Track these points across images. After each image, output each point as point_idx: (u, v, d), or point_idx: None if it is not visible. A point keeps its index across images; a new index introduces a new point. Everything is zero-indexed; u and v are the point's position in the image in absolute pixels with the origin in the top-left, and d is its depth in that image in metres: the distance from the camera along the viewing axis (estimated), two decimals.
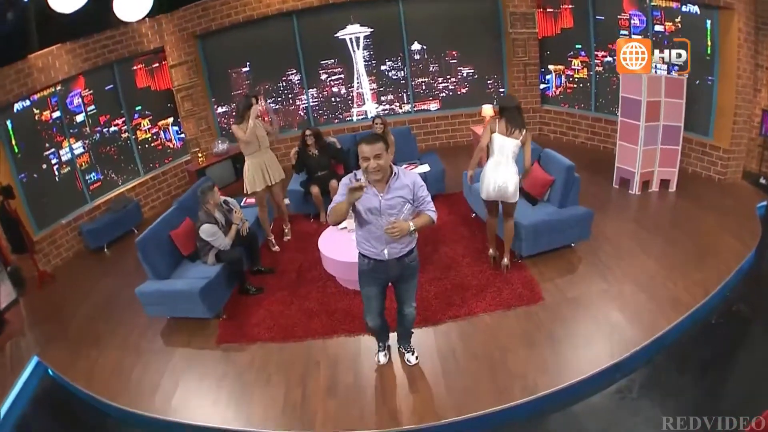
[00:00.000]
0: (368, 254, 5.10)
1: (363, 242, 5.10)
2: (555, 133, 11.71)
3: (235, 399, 5.77)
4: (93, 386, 6.20)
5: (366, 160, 4.69)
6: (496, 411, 5.21)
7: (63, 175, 9.48)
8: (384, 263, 5.07)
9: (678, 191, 8.98)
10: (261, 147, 8.00)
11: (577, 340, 6.03)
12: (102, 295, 8.12)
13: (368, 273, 5.22)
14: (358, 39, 11.52)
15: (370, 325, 5.57)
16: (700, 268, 6.92)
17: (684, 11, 9.03)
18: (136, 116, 10.62)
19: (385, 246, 4.98)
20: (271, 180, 8.15)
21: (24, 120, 8.83)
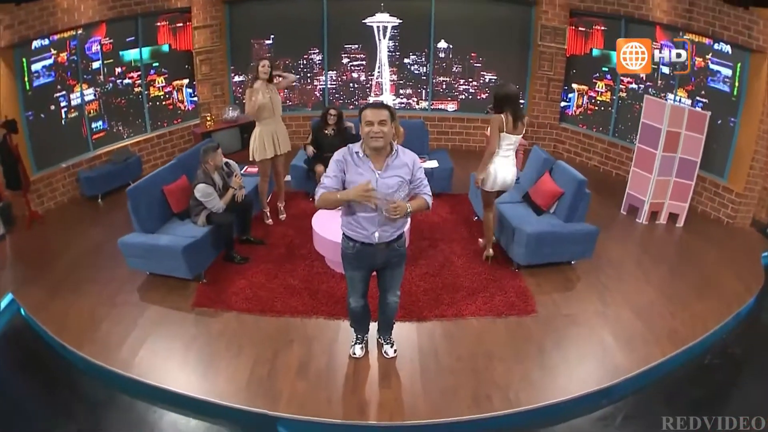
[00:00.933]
0: (355, 237, 4.69)
1: (351, 224, 4.69)
2: (569, 152, 11.30)
3: (201, 365, 5.43)
4: (62, 331, 5.89)
5: (370, 124, 4.30)
6: (472, 419, 4.84)
7: (69, 120, 9.12)
8: (371, 247, 4.68)
9: (685, 227, 8.60)
10: (275, 114, 7.67)
11: (567, 358, 5.66)
12: (88, 243, 7.81)
13: (353, 257, 4.83)
14: (385, 28, 11.15)
15: (352, 305, 5.18)
16: (700, 304, 6.57)
17: (716, 49, 8.68)
18: (151, 72, 10.25)
19: (376, 228, 4.58)
20: (280, 149, 7.81)
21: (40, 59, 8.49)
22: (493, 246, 7.25)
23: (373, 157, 4.45)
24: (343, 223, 4.76)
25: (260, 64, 7.55)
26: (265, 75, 7.51)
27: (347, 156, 4.48)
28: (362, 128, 4.36)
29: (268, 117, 7.61)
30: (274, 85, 7.70)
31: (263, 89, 7.48)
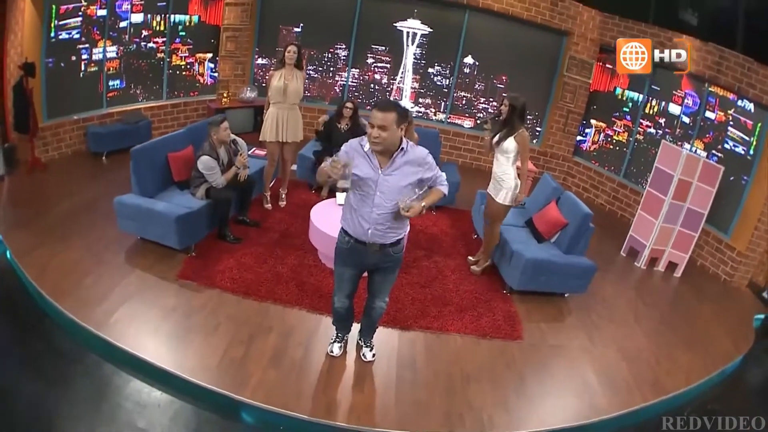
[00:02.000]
0: (350, 231, 4.52)
1: (348, 216, 4.53)
2: (578, 187, 11.15)
3: (175, 337, 5.25)
4: (42, 280, 5.72)
5: (371, 126, 4.13)
6: None
7: (88, 74, 8.98)
8: (364, 246, 4.50)
9: (683, 277, 8.45)
10: (286, 101, 7.49)
11: (546, 389, 5.47)
12: (85, 197, 7.67)
13: (345, 252, 4.65)
14: (415, 35, 11.00)
15: (336, 305, 4.99)
16: (687, 356, 6.39)
17: (739, 105, 8.57)
18: (177, 41, 10.12)
19: (370, 225, 4.39)
20: (284, 137, 7.63)
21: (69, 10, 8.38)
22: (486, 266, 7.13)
23: (379, 154, 4.28)
24: (342, 217, 4.60)
25: (287, 50, 7.42)
26: (290, 60, 7.39)
27: (356, 148, 4.30)
28: (368, 126, 4.19)
29: (278, 101, 7.47)
30: (301, 72, 7.57)
31: (285, 73, 7.38)
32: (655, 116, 9.91)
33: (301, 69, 7.57)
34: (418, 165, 4.35)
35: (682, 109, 9.45)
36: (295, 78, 7.45)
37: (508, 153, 6.47)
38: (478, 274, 7.09)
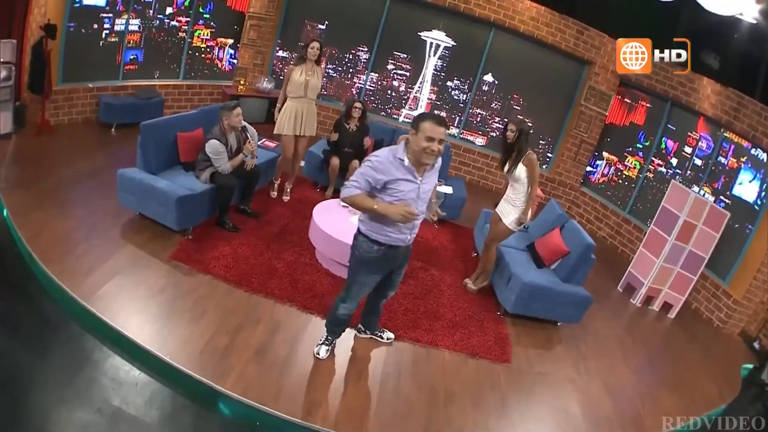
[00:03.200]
0: (384, 240, 4.47)
1: (383, 228, 4.43)
2: (582, 217, 11.06)
3: (160, 318, 5.13)
4: (34, 243, 5.65)
5: (430, 140, 4.06)
6: None
7: (108, 43, 8.96)
8: (396, 249, 4.57)
9: (676, 320, 8.37)
10: (306, 95, 7.48)
11: (528, 415, 5.38)
12: (88, 167, 7.60)
13: (376, 260, 4.59)
14: (438, 46, 10.94)
15: (344, 312, 4.93)
16: (671, 398, 6.29)
17: (752, 153, 8.53)
18: (200, 22, 10.07)
19: (410, 231, 4.54)
20: (302, 131, 7.61)
21: None
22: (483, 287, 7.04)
23: (417, 165, 4.27)
24: (367, 228, 4.50)
25: (310, 45, 7.39)
26: (313, 56, 7.39)
27: (393, 161, 4.22)
28: (417, 139, 4.11)
29: (299, 95, 7.44)
30: (319, 67, 7.55)
31: (305, 68, 7.37)
32: (668, 156, 9.84)
33: (319, 65, 7.54)
34: (436, 171, 4.51)
35: (695, 152, 9.38)
36: (315, 74, 7.45)
37: (520, 180, 6.41)
38: (474, 292, 6.99)
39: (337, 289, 6.04)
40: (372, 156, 4.29)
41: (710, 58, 8.59)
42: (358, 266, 4.69)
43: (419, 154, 4.12)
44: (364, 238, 4.53)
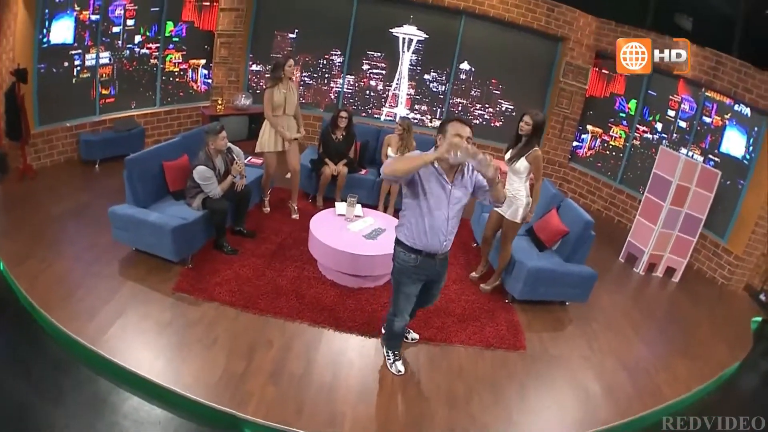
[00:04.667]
0: (421, 246, 4.58)
1: (418, 235, 4.55)
2: (574, 193, 11.10)
3: (171, 351, 5.11)
4: (33, 291, 5.49)
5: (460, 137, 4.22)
6: None
7: (80, 80, 8.85)
8: (433, 259, 4.67)
9: (680, 283, 8.48)
10: (285, 112, 7.53)
11: (548, 400, 5.40)
12: (76, 205, 7.54)
13: (414, 269, 4.70)
14: (411, 41, 10.91)
15: (399, 325, 5.05)
16: (685, 364, 6.37)
17: (735, 110, 8.60)
18: (170, 47, 10.00)
19: (445, 236, 4.57)
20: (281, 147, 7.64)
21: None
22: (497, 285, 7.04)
23: (446, 170, 4.40)
24: (405, 236, 4.63)
25: (287, 63, 7.41)
26: (291, 74, 7.46)
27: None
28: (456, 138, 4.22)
29: (277, 114, 7.50)
30: (293, 83, 7.61)
31: (281, 87, 7.41)
32: (651, 121, 9.89)
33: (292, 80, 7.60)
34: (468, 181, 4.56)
35: (679, 114, 9.44)
36: (291, 89, 7.50)
37: (520, 173, 6.38)
38: (488, 292, 6.95)
39: (344, 299, 6.17)
40: None
41: (684, 20, 8.64)
42: (399, 277, 4.80)
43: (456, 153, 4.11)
44: (401, 248, 4.67)
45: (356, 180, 8.52)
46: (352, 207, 6.97)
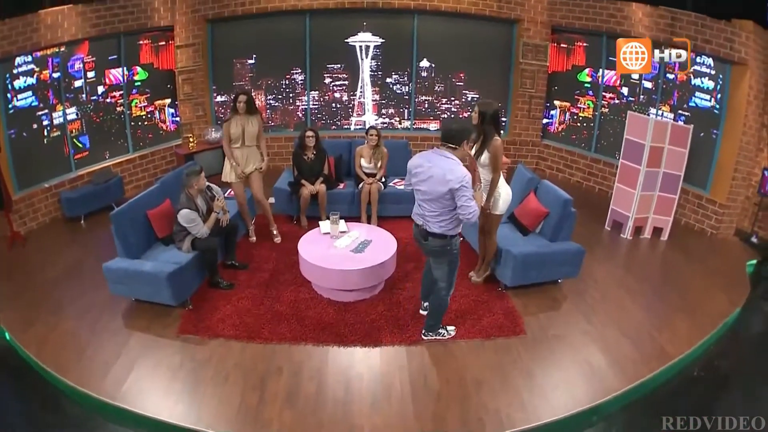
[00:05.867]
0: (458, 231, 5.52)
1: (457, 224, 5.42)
2: (551, 169, 11.40)
3: (187, 393, 5.34)
4: (43, 356, 5.74)
5: None
6: None
7: (52, 139, 9.07)
8: None
9: (669, 240, 8.73)
10: (245, 143, 7.81)
11: (556, 378, 5.66)
12: (70, 264, 7.74)
13: (459, 253, 5.66)
14: (367, 47, 11.16)
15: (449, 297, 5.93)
16: (685, 321, 6.62)
17: (698, 62, 8.84)
18: (134, 91, 10.20)
19: None
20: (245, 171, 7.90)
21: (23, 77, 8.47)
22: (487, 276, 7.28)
23: None
24: (449, 229, 5.41)
25: (237, 99, 7.71)
26: (242, 110, 7.69)
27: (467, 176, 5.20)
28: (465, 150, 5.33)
29: (236, 145, 7.80)
30: (254, 116, 7.84)
31: (238, 120, 7.70)
32: (617, 87, 10.17)
33: (254, 113, 7.83)
34: None
35: (642, 75, 9.67)
36: (250, 122, 7.74)
37: (486, 166, 6.50)
38: (480, 283, 7.21)
39: (342, 315, 6.45)
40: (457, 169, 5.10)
41: None
42: (456, 261, 5.67)
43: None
44: (452, 237, 5.47)
45: (336, 195, 8.77)
46: (335, 224, 7.20)
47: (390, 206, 8.81)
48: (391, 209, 8.83)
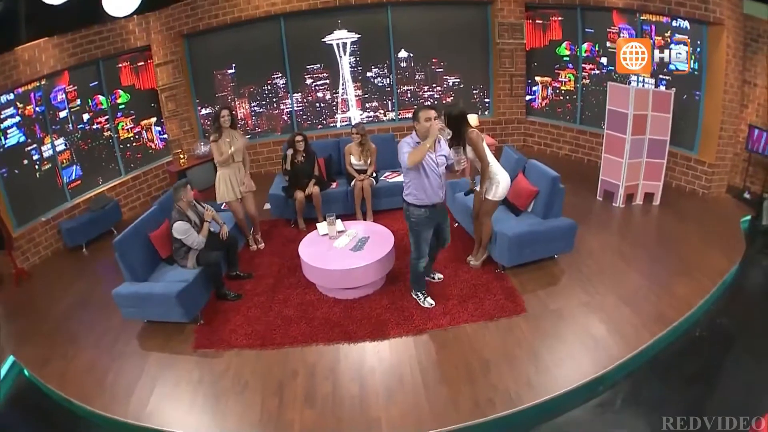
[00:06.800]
0: (425, 203, 6.23)
1: (420, 195, 6.21)
2: (539, 144, 11.70)
3: (210, 405, 5.63)
4: (66, 388, 6.03)
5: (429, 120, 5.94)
6: (477, 423, 5.12)
7: (44, 172, 9.29)
8: (435, 208, 6.31)
9: (662, 205, 8.99)
10: (234, 159, 8.02)
11: (560, 352, 5.94)
12: (78, 294, 7.96)
13: (425, 221, 6.35)
14: (345, 45, 11.41)
15: (422, 267, 6.67)
16: (683, 282, 6.89)
17: (674, 26, 9.06)
18: (119, 115, 10.45)
19: (441, 189, 6.28)
20: (239, 193, 8.17)
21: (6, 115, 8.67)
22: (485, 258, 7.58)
23: None
24: (414, 198, 6.24)
25: (221, 114, 7.87)
26: (226, 124, 7.89)
27: (410, 143, 6.06)
28: (421, 126, 6.01)
29: (226, 165, 8.01)
30: (236, 130, 8.07)
31: (226, 136, 7.89)
32: (596, 57, 10.44)
33: (236, 128, 8.10)
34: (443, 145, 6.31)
35: None
36: (234, 137, 7.97)
37: (474, 158, 6.93)
38: (478, 267, 7.51)
39: (349, 312, 6.77)
40: (403, 142, 6.09)
41: None
42: (417, 229, 6.41)
43: (426, 130, 5.93)
44: (414, 207, 6.29)
45: (330, 195, 9.06)
46: (332, 225, 7.49)
47: (383, 200, 9.13)
48: (384, 203, 9.15)
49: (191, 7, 10.55)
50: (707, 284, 6.81)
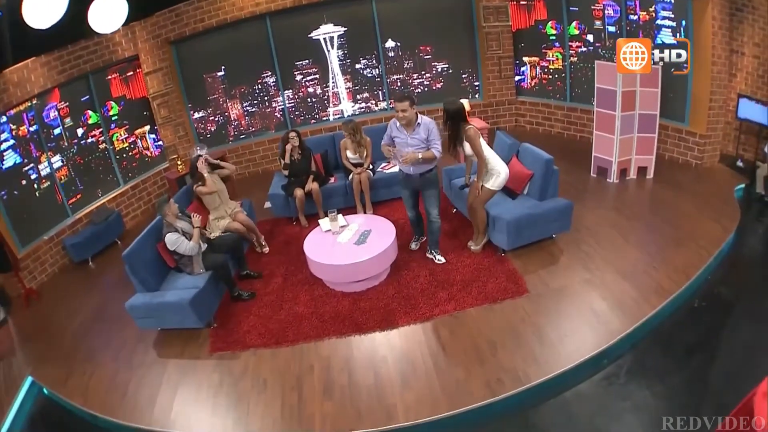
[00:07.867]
0: (403, 169, 7.29)
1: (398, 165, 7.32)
2: (531, 124, 12.01)
3: (233, 407, 5.92)
4: (89, 403, 6.31)
5: (396, 112, 6.92)
6: (489, 403, 5.45)
7: (43, 190, 9.49)
8: (410, 176, 7.29)
9: (656, 178, 9.26)
10: (222, 199, 8.39)
11: (564, 330, 6.26)
12: (90, 309, 8.19)
13: (402, 182, 7.55)
14: (332, 38, 11.66)
15: (409, 215, 7.87)
16: (681, 254, 7.19)
17: (658, 1, 9.29)
18: (113, 126, 10.68)
19: (410, 166, 7.08)
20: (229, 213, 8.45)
21: None
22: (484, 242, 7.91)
23: (405, 126, 7.00)
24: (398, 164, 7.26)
25: (198, 162, 8.24)
26: (207, 169, 8.24)
27: (393, 125, 7.18)
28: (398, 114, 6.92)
29: (218, 204, 8.36)
30: (216, 173, 8.41)
31: (207, 182, 8.18)
32: (582, 35, 10.73)
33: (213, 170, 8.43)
34: (425, 130, 6.99)
35: (605, 21, 10.21)
36: (215, 181, 8.32)
37: (472, 155, 7.31)
38: (479, 252, 7.84)
39: (357, 304, 7.16)
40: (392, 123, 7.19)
41: None
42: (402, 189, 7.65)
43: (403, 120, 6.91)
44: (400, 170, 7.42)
45: (330, 190, 9.38)
46: (335, 221, 7.81)
47: (382, 191, 9.45)
48: (383, 194, 9.48)
49: (176, 14, 10.78)
50: (704, 254, 7.11)
